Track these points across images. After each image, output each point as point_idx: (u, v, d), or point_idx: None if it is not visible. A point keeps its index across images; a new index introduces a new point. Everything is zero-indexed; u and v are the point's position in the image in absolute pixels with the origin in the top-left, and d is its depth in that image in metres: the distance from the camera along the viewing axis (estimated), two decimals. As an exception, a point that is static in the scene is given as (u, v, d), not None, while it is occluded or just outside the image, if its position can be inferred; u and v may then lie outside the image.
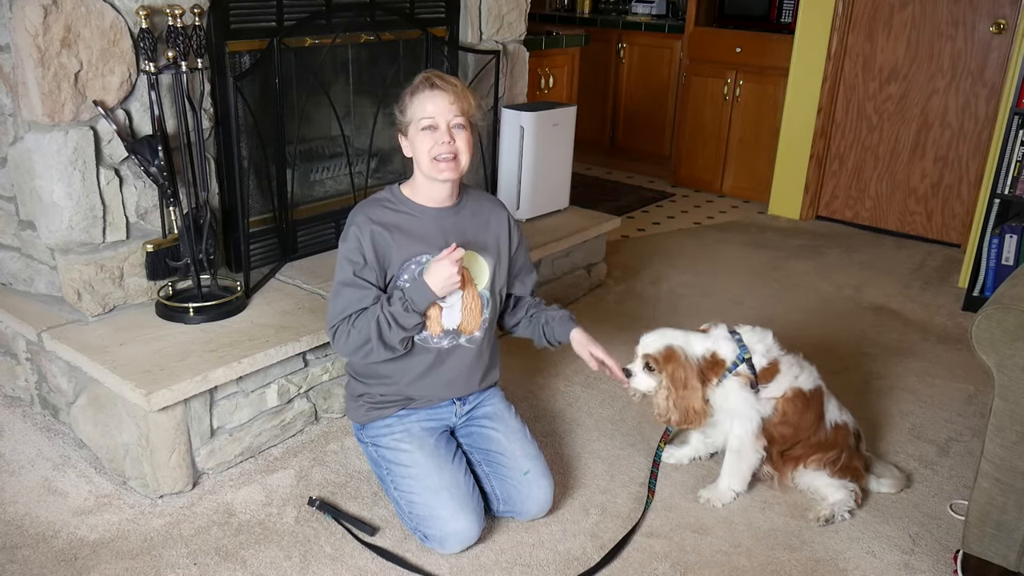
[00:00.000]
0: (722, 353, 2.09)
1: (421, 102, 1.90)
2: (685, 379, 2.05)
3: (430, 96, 1.89)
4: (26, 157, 2.15)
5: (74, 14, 2.04)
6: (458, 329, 2.01)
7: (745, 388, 2.09)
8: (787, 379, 2.11)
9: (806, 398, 2.13)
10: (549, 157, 3.37)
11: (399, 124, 1.96)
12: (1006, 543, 1.78)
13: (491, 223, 2.08)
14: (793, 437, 2.15)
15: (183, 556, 1.92)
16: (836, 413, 2.19)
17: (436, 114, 1.88)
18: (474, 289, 2.02)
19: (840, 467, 2.15)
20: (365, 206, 1.99)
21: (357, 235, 1.92)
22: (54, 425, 2.40)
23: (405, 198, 2.00)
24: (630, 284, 3.62)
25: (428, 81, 1.90)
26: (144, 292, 2.39)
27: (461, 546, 1.94)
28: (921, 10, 4.12)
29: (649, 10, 5.46)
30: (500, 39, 3.32)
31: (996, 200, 3.40)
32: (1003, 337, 1.67)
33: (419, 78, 1.93)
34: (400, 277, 1.96)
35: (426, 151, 1.90)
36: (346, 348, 1.93)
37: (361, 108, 3.02)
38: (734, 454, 2.14)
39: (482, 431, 2.10)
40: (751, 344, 2.11)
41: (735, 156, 4.93)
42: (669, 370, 2.06)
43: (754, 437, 2.11)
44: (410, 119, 1.92)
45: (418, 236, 1.96)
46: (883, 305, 3.52)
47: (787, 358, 2.14)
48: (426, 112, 1.89)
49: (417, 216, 1.98)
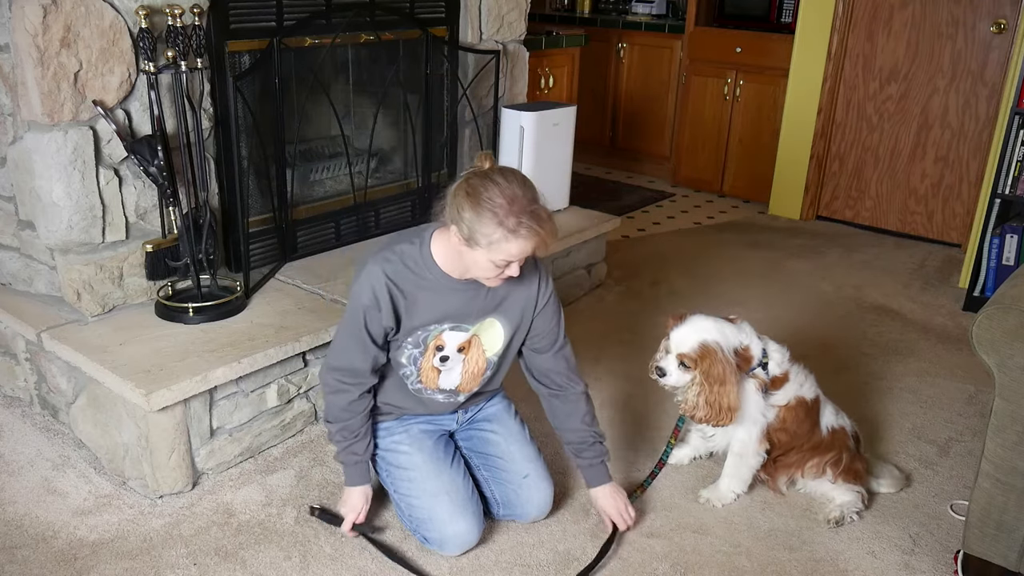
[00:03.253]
0: (753, 350, 2.06)
1: (510, 247, 1.66)
2: (723, 375, 1.98)
3: (524, 247, 1.67)
4: (26, 157, 2.15)
5: (73, 14, 2.03)
6: (456, 389, 1.97)
7: (758, 392, 2.08)
8: (793, 388, 2.11)
9: (807, 407, 2.13)
10: (549, 157, 3.36)
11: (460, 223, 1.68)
12: (1007, 543, 1.78)
13: (521, 287, 1.89)
14: (788, 444, 2.15)
15: (183, 556, 1.92)
16: (832, 418, 2.19)
17: (520, 256, 1.70)
18: (481, 355, 1.92)
19: (843, 469, 2.14)
20: (388, 261, 1.79)
21: (374, 294, 1.78)
22: (54, 425, 2.39)
23: (433, 264, 1.80)
24: (630, 284, 3.62)
25: (530, 234, 1.65)
26: (144, 292, 2.39)
27: (461, 549, 1.93)
28: (921, 10, 4.12)
29: (649, 10, 5.46)
30: (500, 39, 3.32)
31: (997, 200, 3.40)
32: (1004, 337, 1.67)
33: (522, 227, 1.64)
34: (404, 340, 1.86)
35: (489, 276, 1.75)
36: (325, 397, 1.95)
37: (361, 108, 3.02)
38: (736, 456, 2.14)
39: (481, 434, 2.09)
40: (771, 352, 2.10)
41: (735, 156, 4.93)
42: (705, 366, 1.99)
43: (758, 442, 2.11)
44: (484, 245, 1.67)
45: (436, 310, 1.83)
46: (883, 305, 3.51)
47: (795, 368, 2.13)
48: (511, 256, 1.69)
49: (436, 290, 1.81)
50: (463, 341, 1.89)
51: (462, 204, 1.67)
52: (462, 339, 1.88)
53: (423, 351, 1.88)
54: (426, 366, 1.90)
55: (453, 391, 1.97)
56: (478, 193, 1.66)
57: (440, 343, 1.88)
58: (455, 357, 1.90)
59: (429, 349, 1.88)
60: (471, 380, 1.96)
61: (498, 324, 1.90)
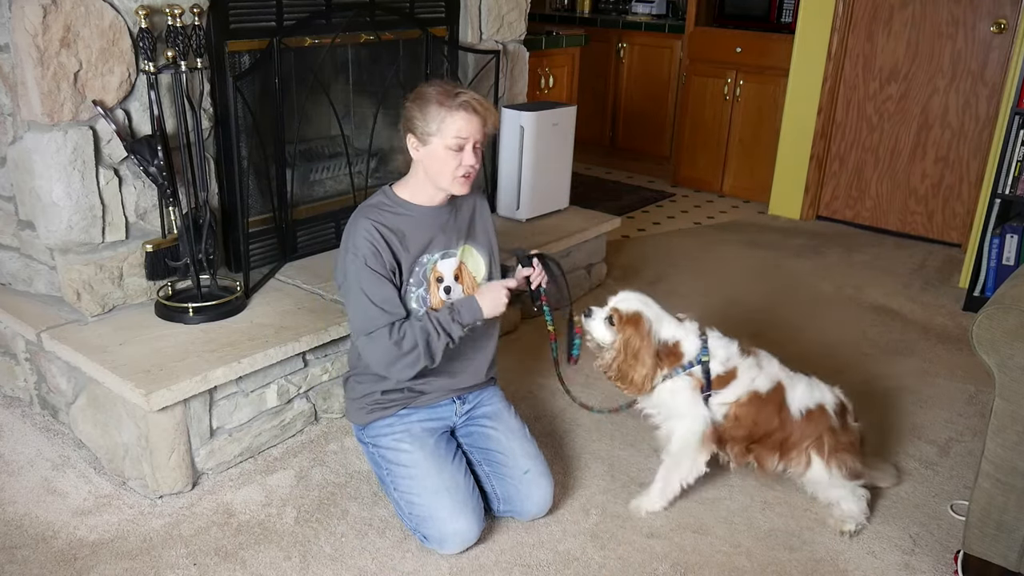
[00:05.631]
0: (685, 347, 2.06)
1: (455, 122, 1.86)
2: (638, 350, 2.02)
3: (467, 119, 1.87)
4: (25, 157, 2.15)
5: (73, 14, 2.03)
6: None
7: (693, 391, 2.05)
8: (743, 384, 2.06)
9: (761, 400, 2.06)
10: (549, 157, 3.36)
11: (414, 127, 1.91)
12: (1007, 543, 1.78)
13: (476, 214, 2.10)
14: (749, 437, 2.08)
15: (183, 556, 1.92)
16: (805, 398, 2.08)
17: (470, 135, 1.88)
18: (473, 282, 2.05)
19: (829, 450, 2.06)
20: (366, 211, 1.96)
21: (369, 240, 1.89)
22: (53, 425, 2.39)
23: (402, 200, 1.98)
24: (630, 284, 3.59)
25: (468, 106, 1.87)
26: (143, 292, 2.39)
27: (461, 547, 1.94)
28: (921, 10, 4.11)
29: (649, 10, 5.46)
30: (500, 39, 3.32)
31: (997, 200, 3.40)
32: (1004, 337, 1.67)
33: (457, 98, 1.87)
34: (408, 282, 1.96)
35: (451, 168, 1.90)
36: (386, 354, 1.89)
37: (361, 108, 3.02)
38: (671, 458, 2.09)
39: (482, 430, 2.10)
40: (713, 349, 2.06)
41: (735, 156, 4.93)
42: (627, 334, 2.03)
43: (697, 442, 2.05)
44: (436, 131, 1.88)
45: (421, 238, 1.97)
46: (883, 305, 3.51)
47: (747, 361, 2.08)
48: (461, 133, 1.87)
49: (416, 217, 1.98)
50: (455, 268, 2.03)
51: (410, 110, 1.92)
52: (454, 266, 2.03)
53: (427, 288, 1.99)
54: (434, 302, 2.00)
55: None
56: (419, 93, 1.92)
57: (438, 275, 2.01)
58: (455, 287, 2.03)
59: (431, 283, 2.00)
60: None
61: (474, 250, 2.08)
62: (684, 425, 2.07)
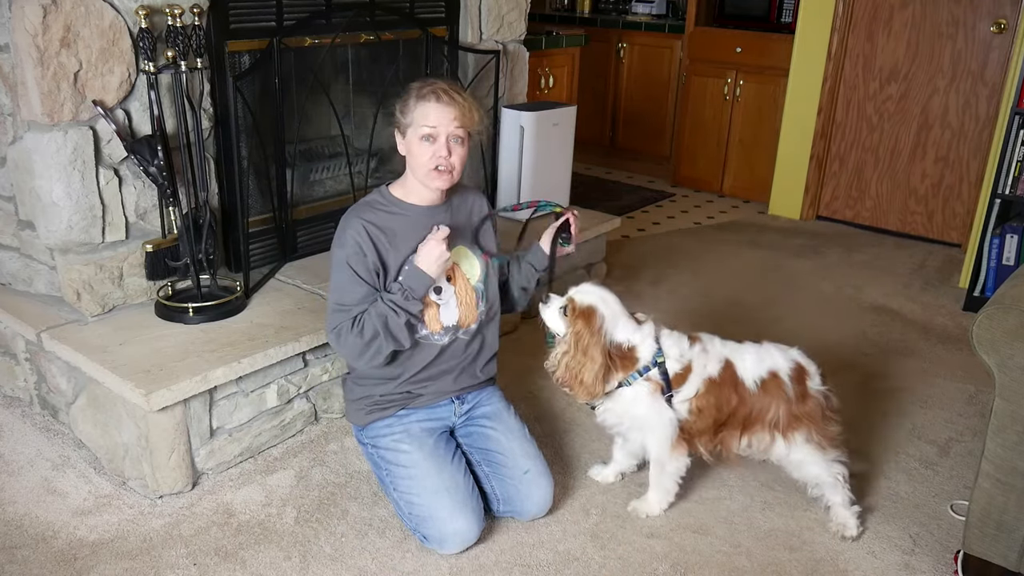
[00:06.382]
0: (640, 351, 1.99)
1: (424, 111, 1.88)
2: (588, 348, 1.94)
3: (435, 108, 1.88)
4: (25, 157, 2.15)
5: (73, 14, 2.03)
6: (457, 324, 2.03)
7: (654, 396, 2.00)
8: (698, 375, 2.00)
9: (716, 384, 2.01)
10: (549, 157, 3.36)
11: (398, 122, 1.96)
12: (1007, 543, 1.78)
13: (474, 215, 2.11)
14: (716, 423, 2.03)
15: (183, 556, 1.92)
16: (757, 366, 2.01)
17: (438, 124, 1.88)
18: (467, 283, 2.04)
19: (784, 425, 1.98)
20: (358, 209, 1.97)
21: (356, 239, 1.91)
22: (53, 425, 2.39)
23: (396, 199, 1.99)
24: (630, 284, 3.62)
25: (435, 94, 1.89)
26: (143, 292, 2.39)
27: (460, 547, 1.94)
28: (921, 10, 4.11)
29: (649, 10, 5.46)
30: (500, 39, 3.32)
31: (997, 200, 3.40)
32: (1004, 337, 1.67)
33: (428, 87, 1.91)
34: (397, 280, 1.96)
35: (425, 160, 1.91)
36: (354, 347, 1.91)
37: (361, 108, 3.02)
38: (656, 465, 2.08)
39: (481, 431, 2.10)
40: (667, 349, 2.00)
41: (735, 156, 4.93)
42: (577, 327, 1.96)
43: (670, 446, 2.03)
44: (410, 123, 1.91)
45: (412, 237, 1.96)
46: (883, 305, 3.51)
47: (695, 350, 2.02)
48: (428, 121, 1.88)
49: (409, 216, 1.98)
50: (448, 270, 2.01)
51: (397, 109, 1.94)
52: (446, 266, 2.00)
53: None
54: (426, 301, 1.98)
55: (455, 327, 2.02)
56: (405, 91, 1.95)
57: None
58: (447, 288, 2.01)
59: None
60: (468, 311, 2.04)
61: (471, 253, 2.07)
62: (655, 436, 2.04)
